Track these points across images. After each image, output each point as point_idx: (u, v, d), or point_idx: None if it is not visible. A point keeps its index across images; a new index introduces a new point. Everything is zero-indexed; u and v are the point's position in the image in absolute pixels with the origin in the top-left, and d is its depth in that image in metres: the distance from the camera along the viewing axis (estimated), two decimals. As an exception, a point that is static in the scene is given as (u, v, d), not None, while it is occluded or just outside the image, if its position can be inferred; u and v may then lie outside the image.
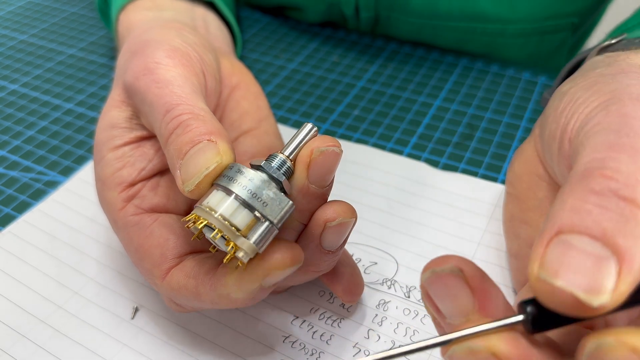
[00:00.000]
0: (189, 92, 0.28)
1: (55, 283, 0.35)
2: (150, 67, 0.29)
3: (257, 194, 0.24)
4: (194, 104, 0.28)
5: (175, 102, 0.27)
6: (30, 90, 0.53)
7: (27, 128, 0.48)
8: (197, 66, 0.31)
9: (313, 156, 0.25)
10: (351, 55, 0.55)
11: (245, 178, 0.24)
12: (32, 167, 0.44)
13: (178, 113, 0.27)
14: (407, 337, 0.31)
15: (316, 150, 0.25)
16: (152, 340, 0.32)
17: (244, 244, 0.24)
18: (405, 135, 0.45)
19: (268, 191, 0.24)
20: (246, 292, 0.26)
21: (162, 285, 0.28)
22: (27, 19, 0.64)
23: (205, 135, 0.26)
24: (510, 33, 0.52)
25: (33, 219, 0.39)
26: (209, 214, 0.24)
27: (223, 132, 0.27)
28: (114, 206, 0.30)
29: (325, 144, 0.25)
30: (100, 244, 0.37)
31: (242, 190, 0.24)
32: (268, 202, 0.24)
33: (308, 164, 0.25)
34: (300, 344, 0.31)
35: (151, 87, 0.28)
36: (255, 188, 0.24)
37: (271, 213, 0.24)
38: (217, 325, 0.32)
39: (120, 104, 0.32)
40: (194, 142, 0.26)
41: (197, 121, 0.26)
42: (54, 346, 0.32)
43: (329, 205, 0.27)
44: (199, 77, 0.31)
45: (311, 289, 0.34)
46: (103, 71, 0.55)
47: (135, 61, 0.31)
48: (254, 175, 0.25)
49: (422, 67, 0.53)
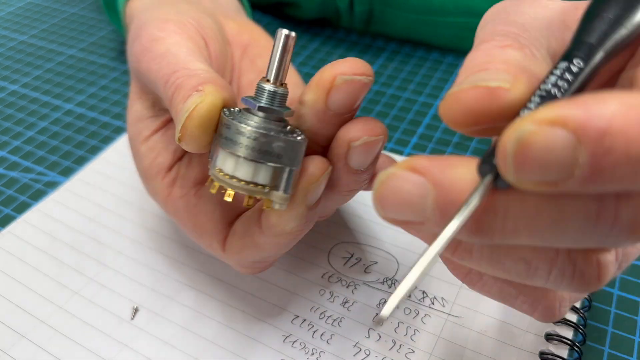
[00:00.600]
0: (183, 57, 0.28)
1: (55, 283, 0.35)
2: (147, 47, 0.29)
3: (267, 150, 0.23)
4: (189, 65, 0.27)
5: (171, 70, 0.27)
6: (30, 90, 0.53)
7: (27, 129, 0.48)
8: (192, 30, 0.31)
9: (336, 83, 0.23)
10: (351, 55, 0.55)
11: (249, 138, 0.23)
12: (32, 168, 0.44)
13: (174, 79, 0.26)
14: (408, 336, 0.31)
15: (340, 78, 0.23)
16: (152, 340, 0.32)
17: (275, 196, 0.24)
18: (405, 136, 0.45)
19: (277, 142, 0.23)
20: (297, 219, 0.26)
21: (225, 255, 0.29)
22: (27, 20, 0.64)
23: (196, 87, 0.25)
24: None
25: (33, 219, 0.39)
26: (230, 182, 0.24)
27: (215, 79, 0.25)
28: (161, 194, 0.31)
29: (352, 70, 0.23)
30: (100, 244, 0.37)
31: (252, 153, 0.23)
32: (281, 153, 0.23)
33: (328, 90, 0.23)
34: (301, 344, 0.31)
35: (151, 66, 0.28)
36: (263, 145, 0.23)
37: (288, 161, 0.24)
38: (217, 325, 0.32)
39: (140, 95, 0.32)
40: (185, 98, 0.25)
41: (192, 78, 0.25)
42: (54, 347, 0.31)
43: (353, 122, 0.25)
44: (195, 40, 0.30)
45: (312, 288, 0.34)
46: (103, 72, 0.55)
47: (135, 47, 0.31)
48: (255, 133, 0.23)
49: (423, 67, 0.53)
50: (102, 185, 0.41)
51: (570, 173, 0.14)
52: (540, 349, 0.30)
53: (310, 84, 0.24)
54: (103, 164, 0.43)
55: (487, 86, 0.17)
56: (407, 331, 0.31)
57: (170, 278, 0.35)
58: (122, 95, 0.51)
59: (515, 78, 0.17)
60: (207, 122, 0.24)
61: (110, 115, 0.49)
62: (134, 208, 0.39)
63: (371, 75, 0.23)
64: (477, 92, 0.17)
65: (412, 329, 0.32)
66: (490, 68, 0.18)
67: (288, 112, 0.25)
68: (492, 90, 0.17)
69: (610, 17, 0.17)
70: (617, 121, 0.13)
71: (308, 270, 0.35)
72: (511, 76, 0.17)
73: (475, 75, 0.18)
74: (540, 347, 0.30)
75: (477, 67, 0.18)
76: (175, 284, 0.34)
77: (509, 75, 0.17)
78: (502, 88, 0.17)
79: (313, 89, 0.24)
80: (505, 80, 0.17)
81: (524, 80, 0.17)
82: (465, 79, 0.18)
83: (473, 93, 0.17)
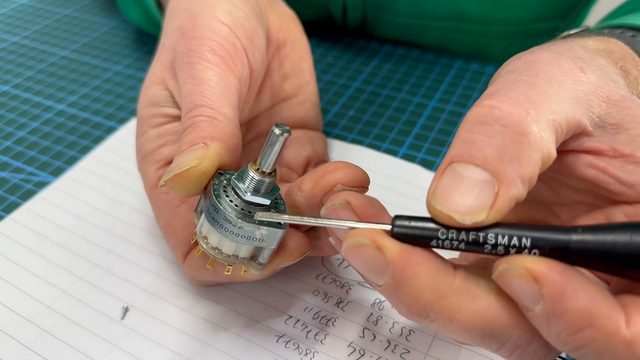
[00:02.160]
0: (218, 94, 0.29)
1: (43, 282, 0.34)
2: (192, 61, 0.30)
3: (250, 236, 0.25)
4: (218, 107, 0.28)
5: (200, 102, 0.28)
6: (21, 91, 0.52)
7: (18, 129, 0.47)
8: (239, 60, 0.31)
9: (335, 189, 0.25)
10: (346, 57, 0.55)
11: (234, 226, 0.25)
12: (22, 168, 0.43)
13: (197, 114, 0.28)
14: (403, 336, 0.31)
15: (339, 186, 0.25)
16: (142, 341, 0.31)
17: (252, 265, 0.27)
18: (400, 136, 0.45)
19: (259, 231, 0.25)
20: (262, 276, 0.28)
21: (183, 265, 0.31)
22: (20, 21, 0.63)
23: (207, 138, 0.27)
24: (494, 34, 0.53)
25: (21, 218, 0.38)
26: (214, 254, 0.26)
27: (226, 138, 0.27)
28: (151, 181, 0.31)
29: (352, 182, 0.25)
30: (90, 242, 0.36)
31: (236, 237, 0.25)
32: (264, 238, 0.26)
33: (325, 193, 0.25)
34: (294, 344, 0.31)
35: (186, 82, 0.29)
36: (247, 233, 0.25)
37: (269, 243, 0.26)
38: (209, 324, 0.32)
39: (160, 81, 0.32)
40: (192, 143, 0.27)
41: (207, 124, 0.27)
42: (42, 347, 0.31)
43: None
44: (239, 71, 0.31)
45: (306, 288, 0.33)
46: (95, 72, 0.54)
47: (181, 43, 0.31)
48: (240, 222, 0.25)
49: (417, 69, 0.53)
50: (92, 184, 0.41)
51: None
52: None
53: (312, 178, 0.25)
54: (94, 163, 0.43)
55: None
56: (402, 331, 0.31)
57: (162, 278, 0.34)
58: (114, 96, 0.51)
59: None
60: (196, 185, 0.26)
61: (103, 115, 0.48)
62: (124, 207, 0.39)
63: (367, 185, 0.26)
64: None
65: (407, 329, 0.31)
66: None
67: (272, 202, 0.26)
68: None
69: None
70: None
71: (302, 271, 0.34)
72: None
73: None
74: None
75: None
76: (167, 283, 0.34)
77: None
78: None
79: (312, 186, 0.25)
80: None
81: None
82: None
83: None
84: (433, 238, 0.20)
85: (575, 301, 0.18)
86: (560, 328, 0.18)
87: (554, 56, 0.23)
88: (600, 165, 0.22)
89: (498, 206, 0.19)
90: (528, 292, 0.18)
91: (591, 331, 0.18)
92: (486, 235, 0.19)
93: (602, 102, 0.22)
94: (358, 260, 0.21)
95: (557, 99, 0.21)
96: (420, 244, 0.20)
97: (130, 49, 0.58)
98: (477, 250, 0.20)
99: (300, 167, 0.37)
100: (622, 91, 0.22)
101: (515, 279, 0.18)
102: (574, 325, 0.18)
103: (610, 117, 0.22)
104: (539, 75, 0.22)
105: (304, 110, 0.38)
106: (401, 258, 0.19)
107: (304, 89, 0.38)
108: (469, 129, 0.20)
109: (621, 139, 0.21)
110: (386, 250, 0.20)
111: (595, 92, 0.22)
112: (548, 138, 0.20)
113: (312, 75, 0.39)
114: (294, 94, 0.38)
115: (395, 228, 0.21)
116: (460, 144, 0.20)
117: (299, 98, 0.38)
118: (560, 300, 0.18)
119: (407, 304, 0.20)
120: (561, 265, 0.18)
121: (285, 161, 0.36)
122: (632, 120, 0.22)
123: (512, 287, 0.19)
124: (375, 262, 0.20)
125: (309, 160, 0.37)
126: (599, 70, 0.23)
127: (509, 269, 0.19)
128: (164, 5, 0.44)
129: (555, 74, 0.22)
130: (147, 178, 0.31)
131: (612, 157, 0.22)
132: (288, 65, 0.37)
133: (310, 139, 0.38)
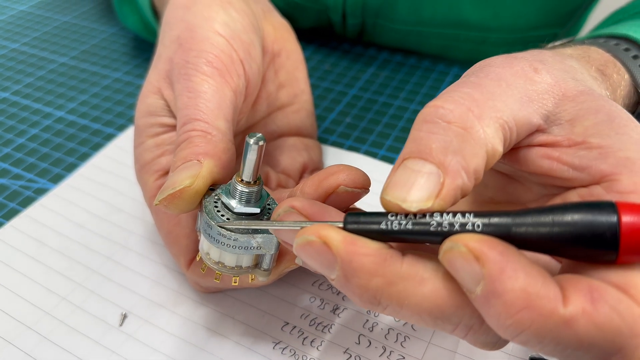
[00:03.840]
0: (213, 107, 0.29)
1: (42, 289, 0.34)
2: (189, 73, 0.30)
3: (247, 246, 0.26)
4: (212, 121, 0.29)
5: (194, 116, 0.29)
6: (21, 98, 0.52)
7: (18, 136, 0.48)
8: (235, 71, 0.31)
9: (338, 190, 0.25)
10: (343, 64, 0.56)
11: (229, 239, 0.26)
12: (22, 175, 0.44)
13: (191, 128, 0.28)
14: (398, 343, 0.31)
15: (342, 188, 0.25)
16: (141, 347, 0.31)
17: (258, 272, 0.28)
18: (397, 143, 0.45)
19: (255, 240, 0.26)
20: (269, 282, 0.29)
21: (187, 273, 0.31)
22: (19, 28, 0.64)
23: (201, 155, 0.27)
24: (492, 41, 0.53)
25: (21, 225, 0.38)
26: (217, 268, 0.27)
27: (219, 154, 0.28)
28: (150, 192, 0.31)
29: (354, 184, 0.25)
30: (89, 249, 0.37)
31: (234, 249, 0.26)
32: (261, 245, 0.26)
33: (329, 194, 0.25)
34: (291, 350, 0.31)
35: (183, 94, 0.30)
36: (242, 243, 0.26)
37: (267, 249, 0.26)
38: (207, 331, 0.32)
39: (157, 91, 0.32)
40: (186, 159, 0.27)
41: (201, 140, 0.28)
42: (41, 353, 0.31)
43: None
44: (235, 83, 0.31)
45: (302, 295, 0.34)
46: (94, 79, 0.55)
47: (178, 54, 0.31)
48: (235, 235, 0.25)
49: (414, 76, 0.53)
50: (91, 191, 0.41)
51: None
52: (531, 354, 0.30)
53: (314, 181, 0.26)
54: (93, 170, 0.43)
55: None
56: (397, 337, 0.31)
57: (160, 285, 0.34)
58: (113, 103, 0.51)
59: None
60: (190, 204, 0.27)
61: (102, 122, 0.49)
62: (123, 214, 0.39)
63: (368, 187, 0.26)
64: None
65: (402, 335, 0.31)
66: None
67: (263, 209, 0.27)
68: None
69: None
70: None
71: (299, 278, 0.35)
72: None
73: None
74: (530, 353, 0.30)
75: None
76: (166, 290, 0.34)
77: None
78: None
79: (315, 189, 0.26)
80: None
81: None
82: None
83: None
84: (381, 222, 0.21)
85: (514, 281, 0.18)
86: (500, 310, 0.18)
87: (507, 59, 0.24)
88: (554, 155, 0.23)
89: (443, 195, 0.20)
90: (469, 272, 0.19)
91: (529, 312, 0.18)
92: (432, 214, 0.20)
93: (557, 100, 0.23)
94: (309, 258, 0.21)
95: (503, 98, 0.22)
96: (371, 236, 0.21)
97: (129, 56, 0.58)
98: (424, 233, 0.20)
99: (297, 174, 0.37)
100: (580, 87, 0.23)
101: (458, 258, 0.19)
102: (512, 306, 0.18)
103: (567, 113, 0.23)
104: (488, 76, 0.23)
105: (300, 118, 0.39)
106: (347, 250, 0.20)
107: (299, 98, 0.39)
108: (418, 128, 0.21)
109: (576, 130, 0.22)
110: (332, 243, 0.20)
111: (549, 90, 0.23)
112: (492, 134, 0.21)
113: (306, 84, 0.40)
114: (289, 103, 0.38)
115: (348, 220, 0.21)
116: (410, 142, 0.21)
117: (294, 107, 0.39)
118: (499, 280, 0.18)
119: (359, 294, 0.20)
120: (502, 245, 0.19)
121: (281, 167, 0.37)
122: (587, 112, 0.22)
123: (455, 267, 0.19)
124: (324, 258, 0.21)
125: (305, 166, 0.38)
126: (558, 71, 0.24)
127: (452, 247, 0.19)
128: (160, 14, 0.45)
129: (505, 74, 0.23)
130: (146, 188, 0.32)
131: (567, 147, 0.22)
132: (283, 75, 0.38)
133: (305, 146, 0.39)
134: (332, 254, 0.20)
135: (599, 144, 0.21)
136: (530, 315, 0.18)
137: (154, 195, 0.31)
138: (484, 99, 0.22)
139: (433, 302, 0.20)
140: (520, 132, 0.22)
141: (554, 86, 0.23)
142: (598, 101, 0.23)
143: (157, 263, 0.36)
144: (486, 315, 0.19)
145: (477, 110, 0.21)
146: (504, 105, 0.22)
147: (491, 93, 0.22)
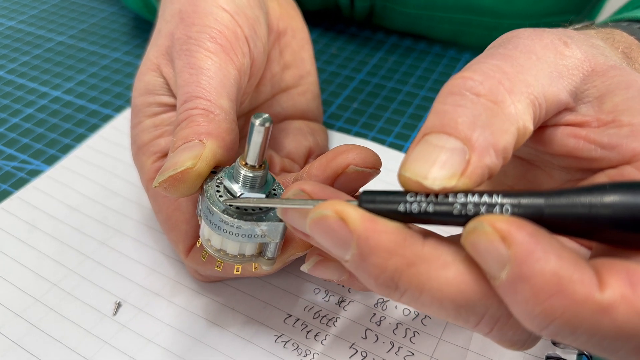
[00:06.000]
0: (217, 85, 0.28)
1: (33, 274, 0.33)
2: (191, 49, 0.29)
3: (250, 234, 0.24)
4: (215, 100, 0.27)
5: (196, 94, 0.27)
6: (16, 77, 0.51)
7: (12, 115, 0.46)
8: (240, 49, 0.30)
9: (347, 170, 0.24)
10: (350, 48, 0.54)
11: (233, 227, 0.24)
12: (15, 156, 0.42)
13: (192, 106, 0.27)
14: (407, 338, 0.29)
15: (352, 167, 0.24)
16: (135, 338, 0.30)
17: (262, 261, 0.26)
18: (405, 130, 0.44)
19: (259, 227, 0.24)
20: (272, 270, 0.27)
21: (186, 260, 0.30)
22: (16, 5, 0.62)
23: (203, 135, 0.26)
24: (505, 27, 0.51)
25: (12, 207, 0.37)
26: (220, 256, 0.25)
27: (223, 135, 0.26)
28: (147, 174, 0.30)
29: (365, 163, 0.24)
30: (83, 234, 0.35)
31: (237, 237, 0.24)
32: (266, 234, 0.24)
33: (338, 175, 0.24)
34: (294, 344, 0.29)
35: (184, 71, 0.28)
36: (246, 232, 0.24)
37: (271, 237, 0.25)
38: (205, 322, 0.30)
39: (156, 68, 0.31)
40: (187, 139, 0.26)
41: (204, 118, 0.26)
42: (30, 342, 0.30)
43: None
44: (239, 61, 0.29)
45: (306, 286, 0.32)
46: (93, 59, 0.53)
47: (180, 29, 0.30)
48: (238, 222, 0.24)
49: (424, 61, 0.52)
50: (86, 173, 0.39)
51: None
52: (547, 352, 0.28)
53: (321, 162, 0.24)
54: (88, 152, 0.41)
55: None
56: (406, 333, 0.30)
57: (157, 272, 0.33)
58: (111, 84, 0.49)
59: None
60: (191, 187, 0.25)
61: (99, 103, 0.47)
62: (119, 197, 0.37)
63: (379, 167, 0.25)
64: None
65: (411, 330, 0.30)
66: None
67: (268, 194, 0.25)
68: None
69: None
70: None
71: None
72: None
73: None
74: (546, 351, 0.28)
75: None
76: (162, 278, 0.33)
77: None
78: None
79: (323, 170, 0.24)
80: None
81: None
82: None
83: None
84: (400, 202, 0.19)
85: (545, 263, 0.16)
86: (527, 296, 0.16)
87: (535, 32, 0.22)
88: (581, 133, 0.21)
89: (469, 173, 0.18)
90: (495, 255, 0.17)
91: (560, 298, 0.16)
92: (455, 194, 0.18)
93: (585, 76, 0.21)
94: (323, 234, 0.19)
95: (534, 72, 0.20)
96: (389, 216, 0.19)
97: (129, 36, 0.56)
98: (446, 214, 0.18)
99: (302, 158, 0.36)
100: (610, 62, 0.22)
101: (482, 240, 0.17)
102: (542, 292, 0.16)
103: (596, 89, 0.21)
104: (517, 47, 0.21)
105: (305, 101, 0.37)
106: (365, 227, 0.18)
107: (305, 79, 0.37)
108: (442, 101, 0.20)
109: (605, 107, 0.21)
110: (349, 219, 0.18)
111: (579, 66, 0.21)
112: (523, 110, 0.20)
113: (313, 66, 0.38)
114: (295, 84, 0.37)
115: (363, 199, 0.20)
116: (433, 116, 0.20)
117: (299, 88, 0.37)
118: (527, 262, 0.16)
119: (375, 275, 0.19)
120: (532, 226, 0.17)
121: (286, 151, 0.35)
122: (617, 87, 0.21)
123: (478, 249, 0.17)
124: (339, 234, 0.19)
125: (311, 151, 0.36)
126: (587, 47, 0.22)
127: (476, 227, 0.17)
128: None
129: (535, 47, 0.21)
130: (144, 170, 0.30)
131: (595, 127, 0.21)
132: (289, 55, 0.36)
133: (311, 130, 0.37)
134: (348, 230, 0.18)
135: (629, 122, 0.20)
136: (562, 302, 0.16)
137: (151, 178, 0.29)
138: (515, 72, 0.20)
139: (457, 288, 0.18)
140: (550, 109, 0.21)
141: (584, 61, 0.22)
142: (630, 76, 0.21)
143: (153, 249, 0.34)
144: (512, 304, 0.17)
145: (508, 84, 0.19)
146: (534, 79, 0.20)
147: (521, 66, 0.20)
